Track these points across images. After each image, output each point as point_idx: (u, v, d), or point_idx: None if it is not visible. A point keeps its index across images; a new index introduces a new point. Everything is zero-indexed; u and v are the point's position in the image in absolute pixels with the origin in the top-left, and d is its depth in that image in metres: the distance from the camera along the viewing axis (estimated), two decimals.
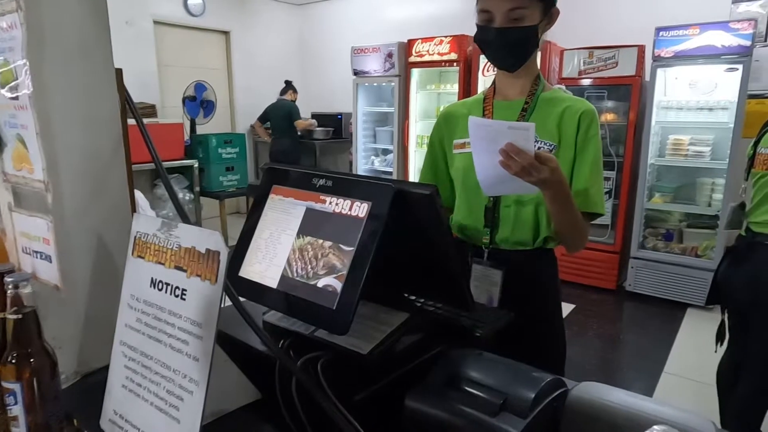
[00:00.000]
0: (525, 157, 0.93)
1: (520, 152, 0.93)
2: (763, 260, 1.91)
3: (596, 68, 3.87)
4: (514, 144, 0.93)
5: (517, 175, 0.96)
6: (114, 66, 0.88)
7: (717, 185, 3.75)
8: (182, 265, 0.68)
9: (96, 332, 0.85)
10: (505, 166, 0.95)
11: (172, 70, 5.81)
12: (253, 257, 0.90)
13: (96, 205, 0.85)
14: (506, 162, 0.94)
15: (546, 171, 0.96)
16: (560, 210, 1.08)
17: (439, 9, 5.60)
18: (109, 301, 0.79)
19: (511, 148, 0.93)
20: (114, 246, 0.85)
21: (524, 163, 0.94)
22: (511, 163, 0.94)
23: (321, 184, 0.87)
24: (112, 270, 0.84)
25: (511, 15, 1.08)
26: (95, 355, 0.87)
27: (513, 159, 0.94)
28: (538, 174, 0.96)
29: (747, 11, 4.00)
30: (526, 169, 0.95)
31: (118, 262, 0.80)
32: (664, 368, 2.88)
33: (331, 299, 0.77)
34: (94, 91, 0.84)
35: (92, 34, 0.83)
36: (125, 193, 0.89)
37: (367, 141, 5.59)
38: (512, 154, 0.93)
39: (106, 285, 0.84)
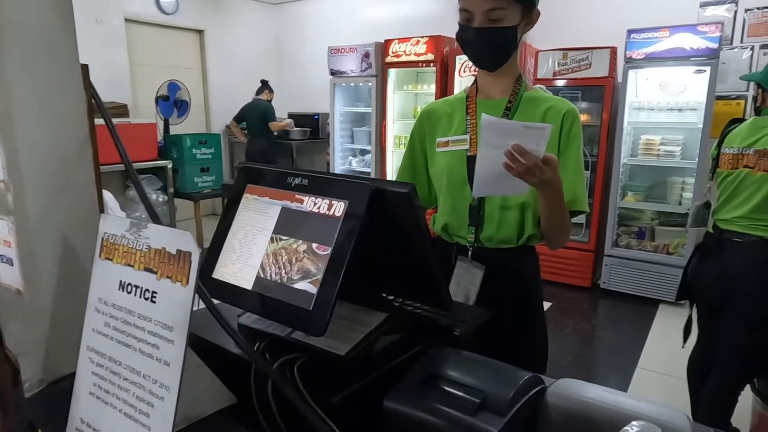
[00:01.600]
0: (531, 158, 0.92)
1: (526, 153, 0.92)
2: (730, 256, 1.97)
3: (570, 69, 3.93)
4: (522, 145, 0.92)
5: (520, 175, 0.95)
6: (80, 62, 0.84)
7: (687, 184, 3.85)
8: (152, 266, 0.66)
9: (62, 338, 0.82)
10: (508, 167, 0.94)
11: (145, 69, 5.69)
12: (227, 258, 0.88)
13: (61, 205, 0.81)
14: (510, 163, 0.93)
15: (549, 172, 0.96)
16: (553, 209, 1.10)
17: (416, 9, 5.62)
18: (75, 305, 0.76)
19: (518, 149, 0.92)
20: (81, 248, 0.82)
21: (530, 164, 0.93)
22: (516, 165, 0.93)
23: (297, 183, 0.86)
24: (79, 273, 0.81)
25: (490, 15, 1.09)
26: (61, 361, 0.84)
27: (518, 160, 0.93)
28: (541, 175, 0.95)
29: (714, 15, 4.11)
30: (530, 170, 0.94)
31: (85, 265, 0.77)
32: (638, 363, 2.94)
33: (307, 300, 0.76)
34: (59, 87, 0.81)
35: (56, 29, 0.80)
36: (93, 194, 0.86)
37: (345, 141, 5.57)
38: (519, 155, 0.92)
39: (72, 288, 0.80)
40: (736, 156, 1.97)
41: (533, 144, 0.93)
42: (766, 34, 3.99)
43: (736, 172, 1.99)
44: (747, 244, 1.91)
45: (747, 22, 4.03)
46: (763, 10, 3.97)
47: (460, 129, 1.22)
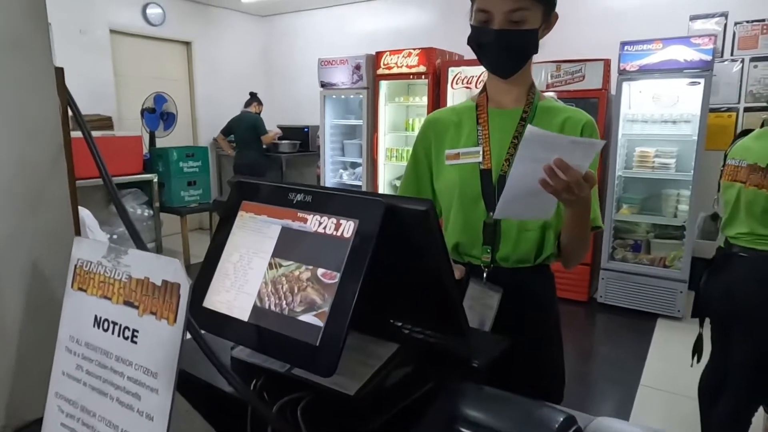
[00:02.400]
0: (573, 174, 0.84)
1: (569, 169, 0.84)
2: (738, 271, 1.91)
3: (564, 81, 3.90)
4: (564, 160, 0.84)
5: (555, 192, 0.87)
6: (53, 65, 0.75)
7: (682, 196, 3.82)
8: (133, 300, 0.56)
9: (29, 379, 0.71)
10: (545, 183, 0.86)
11: (130, 81, 5.57)
12: (219, 284, 0.78)
13: (30, 226, 0.71)
14: (548, 179, 0.85)
15: (587, 189, 0.89)
16: (579, 227, 1.04)
17: (407, 22, 5.60)
18: (44, 341, 0.66)
19: (561, 164, 0.83)
20: (52, 275, 0.72)
21: (571, 181, 0.85)
22: (555, 181, 0.85)
23: (299, 199, 0.77)
24: (49, 304, 0.70)
25: (512, 16, 1.01)
26: (28, 405, 0.73)
27: (557, 177, 0.84)
28: (579, 192, 0.87)
29: (704, 28, 4.13)
30: (569, 187, 0.86)
31: (58, 295, 0.67)
32: (641, 381, 2.86)
33: (313, 334, 0.66)
34: (28, 91, 0.71)
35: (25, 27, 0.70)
36: (67, 212, 0.76)
37: (335, 154, 5.49)
38: (560, 170, 0.84)
39: (40, 322, 0.70)
40: (735, 168, 1.93)
41: (578, 160, 0.85)
42: (756, 47, 4.01)
43: (733, 188, 1.95)
44: (753, 260, 1.86)
45: (737, 35, 4.06)
46: (752, 24, 3.99)
47: (470, 140, 1.14)
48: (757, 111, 4.05)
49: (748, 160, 1.87)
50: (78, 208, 0.84)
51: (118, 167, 4.38)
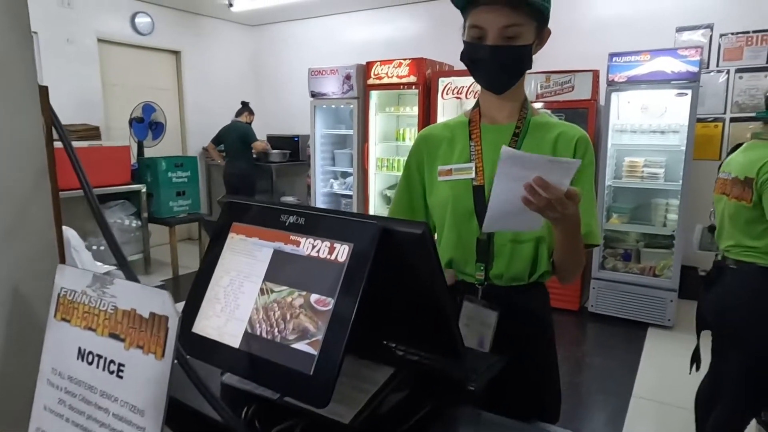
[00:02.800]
0: (554, 192, 0.84)
1: (549, 187, 0.83)
2: (729, 283, 1.92)
3: (553, 92, 3.93)
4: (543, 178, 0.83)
5: (539, 210, 0.86)
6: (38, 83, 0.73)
7: (671, 206, 3.85)
8: (119, 332, 0.54)
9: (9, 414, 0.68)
10: (527, 201, 0.85)
11: (118, 90, 5.52)
12: (209, 309, 0.76)
13: (10, 251, 0.69)
14: (529, 197, 0.84)
15: (572, 206, 0.88)
16: (569, 244, 1.02)
17: (397, 32, 5.62)
18: (25, 374, 0.63)
19: (540, 182, 0.83)
20: (34, 304, 0.69)
21: (552, 198, 0.84)
22: (536, 199, 0.84)
23: (291, 221, 0.75)
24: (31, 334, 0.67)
25: (506, 32, 1.00)
26: None
27: (538, 194, 0.84)
28: (563, 210, 0.87)
29: (690, 39, 4.19)
30: (551, 205, 0.85)
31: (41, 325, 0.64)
32: (633, 391, 2.86)
33: (306, 363, 0.64)
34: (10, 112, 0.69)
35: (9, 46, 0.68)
36: (50, 236, 0.73)
37: (326, 164, 5.47)
38: (541, 188, 0.83)
39: (21, 354, 0.67)
40: (723, 181, 1.95)
41: (557, 178, 0.84)
42: (741, 58, 4.07)
43: (721, 201, 1.97)
44: (743, 272, 1.86)
45: (722, 47, 4.12)
46: (737, 35, 4.06)
47: (463, 156, 1.13)
48: (743, 121, 4.10)
49: (733, 172, 1.88)
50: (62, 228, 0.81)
51: (105, 178, 4.33)
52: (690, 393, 2.24)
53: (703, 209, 4.02)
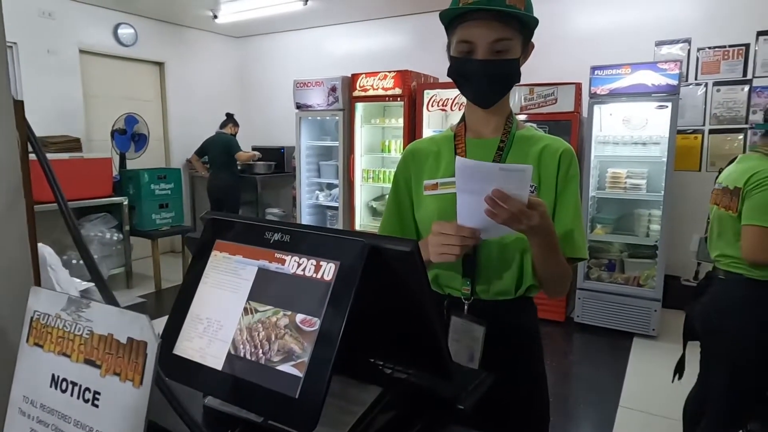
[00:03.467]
0: (514, 204, 0.84)
1: (509, 199, 0.84)
2: (715, 293, 1.93)
3: (537, 104, 3.97)
4: (503, 189, 0.83)
5: (505, 223, 0.87)
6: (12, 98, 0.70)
7: (654, 216, 3.89)
8: (95, 358, 0.51)
9: None
10: (491, 214, 0.86)
11: (100, 101, 5.45)
12: (191, 330, 0.73)
13: None
14: (492, 210, 0.85)
15: (536, 217, 0.88)
16: (546, 256, 1.01)
17: (382, 45, 5.65)
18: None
19: (499, 194, 0.83)
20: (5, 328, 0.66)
21: (514, 210, 0.85)
22: (499, 211, 0.85)
23: (276, 239, 0.73)
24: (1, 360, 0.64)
25: (495, 46, 1.01)
26: None
27: (500, 206, 0.84)
28: (528, 221, 0.87)
29: (669, 53, 4.28)
30: (515, 216, 0.86)
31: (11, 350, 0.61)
32: (620, 402, 2.86)
33: (292, 386, 0.62)
34: None
35: None
36: (25, 257, 0.70)
37: (311, 175, 5.45)
38: (500, 201, 0.84)
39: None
40: (716, 192, 1.97)
41: (514, 188, 0.84)
42: (718, 71, 4.16)
43: (712, 211, 1.99)
44: (730, 283, 1.88)
45: (700, 61, 4.21)
46: (714, 49, 4.16)
47: (448, 170, 1.13)
48: (721, 133, 4.19)
49: (724, 183, 1.91)
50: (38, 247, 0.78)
51: (86, 190, 4.26)
52: (676, 403, 2.25)
53: (684, 219, 4.09)
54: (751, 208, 1.74)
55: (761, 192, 1.72)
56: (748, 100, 4.08)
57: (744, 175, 1.79)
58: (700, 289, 2.01)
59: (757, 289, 1.80)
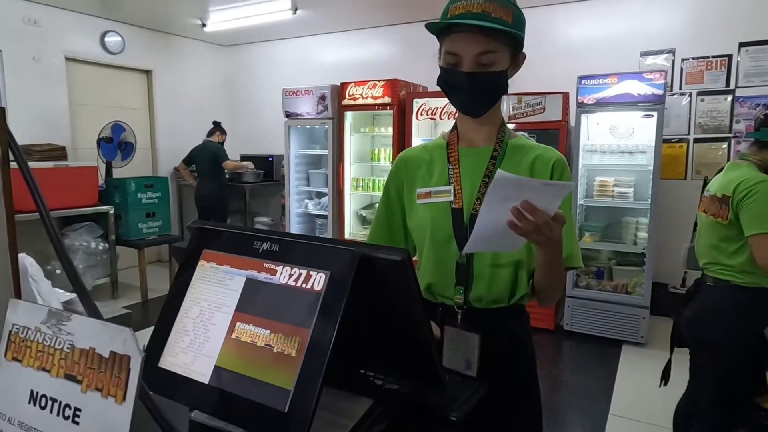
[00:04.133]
0: (541, 216, 0.83)
1: (536, 211, 0.83)
2: (703, 300, 1.95)
3: (525, 113, 4.00)
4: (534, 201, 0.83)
5: (525, 234, 0.86)
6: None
7: (641, 224, 3.93)
8: (75, 373, 0.49)
9: None
10: (513, 225, 0.84)
11: (87, 109, 5.40)
12: (177, 342, 0.71)
13: None
14: (516, 221, 0.84)
15: (557, 230, 0.88)
16: (551, 266, 1.02)
17: (371, 54, 5.67)
18: None
19: (528, 206, 0.82)
20: None
21: (540, 222, 0.84)
22: (524, 223, 0.84)
23: (265, 248, 0.72)
24: None
25: (481, 59, 1.01)
26: None
27: (525, 219, 0.83)
28: (549, 232, 0.86)
29: (654, 63, 4.35)
30: (538, 228, 0.85)
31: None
32: (610, 410, 2.86)
33: (281, 399, 0.61)
34: None
35: None
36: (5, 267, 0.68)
37: (300, 184, 5.43)
38: (528, 212, 0.83)
39: None
40: (704, 199, 1.99)
41: (548, 202, 0.84)
42: (702, 82, 4.23)
43: (700, 218, 2.01)
44: (718, 290, 1.90)
45: (684, 71, 4.28)
46: (697, 60, 4.23)
47: (442, 179, 1.12)
48: (705, 142, 4.25)
49: (712, 190, 1.93)
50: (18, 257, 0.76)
51: (71, 199, 4.19)
52: (666, 410, 2.25)
53: (671, 227, 4.13)
54: (751, 219, 1.74)
55: (754, 201, 1.73)
56: (731, 110, 4.15)
57: (732, 183, 1.81)
58: (689, 296, 2.02)
59: (745, 296, 1.81)
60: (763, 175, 1.78)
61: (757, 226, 1.72)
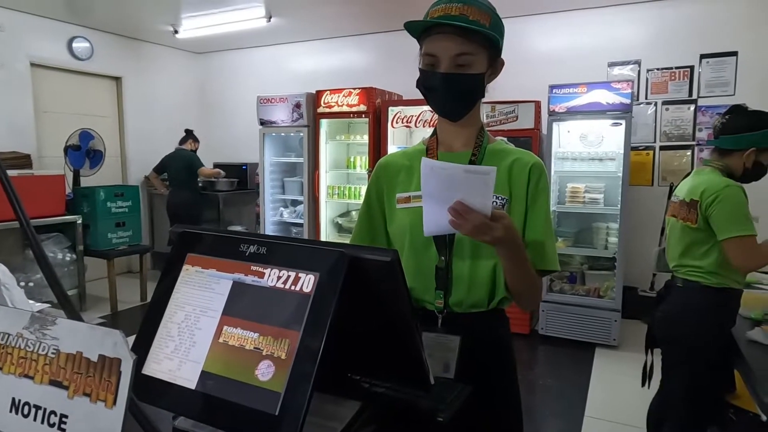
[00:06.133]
0: (477, 217, 0.86)
1: (471, 212, 0.85)
2: (674, 301, 2.01)
3: (499, 121, 4.07)
4: (467, 194, 0.85)
5: (469, 234, 0.88)
6: None
7: (611, 229, 4.03)
8: (61, 379, 0.48)
9: None
10: (455, 225, 0.88)
11: (53, 117, 5.24)
12: (162, 348, 0.70)
13: None
14: (456, 221, 0.87)
15: (500, 230, 0.89)
16: (515, 268, 1.02)
17: (344, 62, 5.69)
18: None
19: (461, 207, 0.85)
20: None
21: (476, 223, 0.87)
22: (462, 223, 0.87)
23: (252, 251, 0.71)
24: None
25: (458, 60, 1.02)
26: None
27: (462, 218, 0.86)
28: (492, 233, 0.89)
29: (621, 74, 4.49)
30: (478, 229, 0.87)
31: None
32: (585, 412, 2.91)
33: (271, 403, 0.60)
34: None
35: None
36: None
37: (275, 192, 5.38)
38: (463, 213, 0.86)
39: None
40: (673, 204, 2.05)
41: (479, 193, 0.86)
42: (666, 91, 4.39)
43: (669, 223, 2.07)
44: (687, 290, 1.96)
45: (649, 81, 4.43)
46: (662, 71, 4.39)
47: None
48: (670, 150, 4.41)
49: (681, 195, 1.99)
50: None
51: (37, 209, 4.06)
52: (640, 411, 2.30)
53: (639, 232, 4.25)
54: (722, 223, 1.80)
55: (720, 206, 1.80)
56: (694, 119, 4.31)
57: (699, 188, 1.88)
58: (660, 298, 2.08)
59: (714, 296, 1.88)
60: (728, 180, 1.86)
61: (729, 230, 1.79)
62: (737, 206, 1.79)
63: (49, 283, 0.61)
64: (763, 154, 1.88)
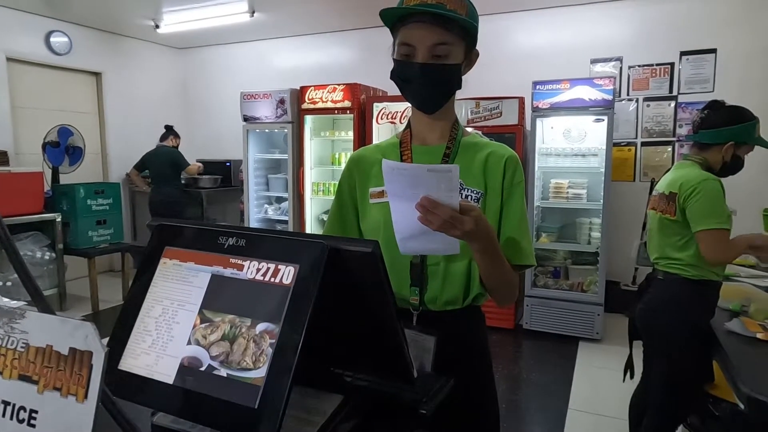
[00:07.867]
0: (445, 211, 0.82)
1: (438, 206, 0.82)
2: (654, 293, 2.04)
3: (483, 117, 4.09)
4: (431, 197, 0.81)
5: (440, 229, 0.84)
6: None
7: (594, 224, 4.08)
8: (30, 373, 0.47)
9: None
10: (426, 222, 0.83)
11: (31, 113, 5.14)
12: (139, 343, 0.69)
13: None
14: (425, 218, 0.83)
15: (470, 222, 0.85)
16: (489, 263, 0.99)
17: (329, 58, 5.66)
18: None
19: (428, 201, 0.82)
20: None
21: (445, 217, 0.82)
22: (431, 218, 0.83)
23: (231, 243, 0.70)
24: None
25: (435, 50, 1.00)
26: None
27: (432, 213, 0.82)
28: (462, 226, 0.84)
29: (603, 71, 4.54)
30: (448, 223, 0.83)
31: None
32: (569, 405, 2.94)
33: (251, 396, 0.59)
34: None
35: None
36: None
37: (260, 189, 5.34)
38: (430, 208, 0.82)
39: None
40: (654, 197, 2.08)
41: (444, 190, 0.83)
42: (647, 88, 4.45)
43: (650, 215, 2.10)
44: (667, 282, 1.99)
45: (631, 78, 4.48)
46: (643, 68, 4.44)
47: None
48: (651, 145, 4.47)
49: (661, 190, 2.02)
50: None
51: (14, 207, 3.97)
52: (622, 403, 2.34)
53: (621, 227, 4.31)
54: (696, 216, 1.84)
55: (697, 199, 1.83)
56: (675, 115, 4.37)
57: (678, 181, 1.91)
58: (641, 291, 2.11)
59: (694, 288, 1.91)
60: (706, 174, 1.89)
61: (703, 222, 1.82)
62: (714, 200, 1.83)
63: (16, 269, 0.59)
64: (741, 148, 1.92)
